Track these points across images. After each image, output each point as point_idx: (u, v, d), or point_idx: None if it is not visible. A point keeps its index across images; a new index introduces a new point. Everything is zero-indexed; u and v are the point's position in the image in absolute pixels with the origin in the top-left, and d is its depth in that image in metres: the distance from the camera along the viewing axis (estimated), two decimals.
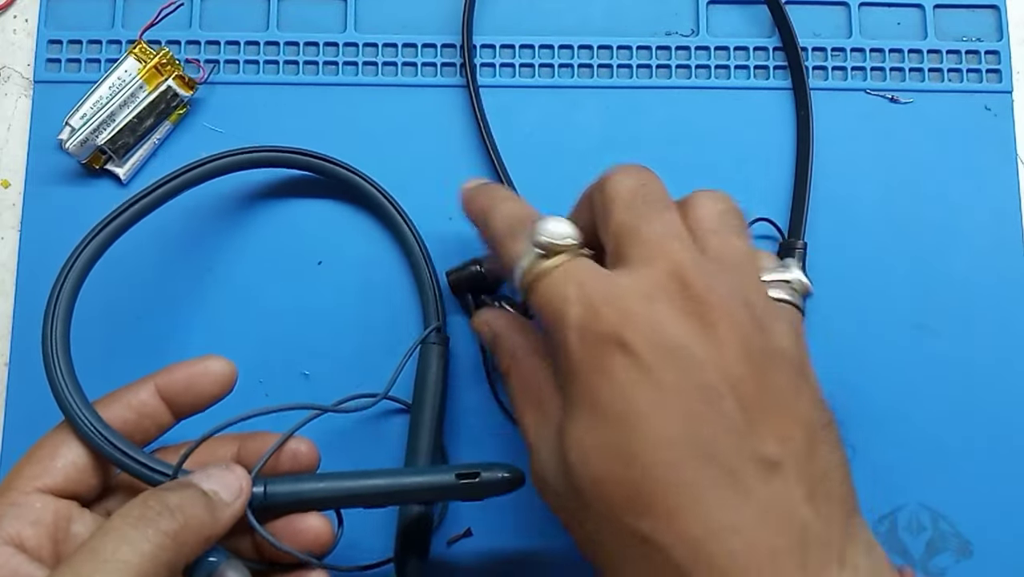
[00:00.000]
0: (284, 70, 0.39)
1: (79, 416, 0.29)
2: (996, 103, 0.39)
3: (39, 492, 0.28)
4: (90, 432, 0.28)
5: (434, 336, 0.35)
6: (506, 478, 0.30)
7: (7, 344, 0.37)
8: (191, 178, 0.34)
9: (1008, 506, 0.36)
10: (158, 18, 0.39)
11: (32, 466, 0.28)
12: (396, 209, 0.37)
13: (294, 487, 0.29)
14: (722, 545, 0.23)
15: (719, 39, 0.39)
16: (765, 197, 0.38)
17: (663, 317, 0.24)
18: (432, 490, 0.30)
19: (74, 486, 0.28)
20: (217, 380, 0.30)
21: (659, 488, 0.23)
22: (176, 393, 0.30)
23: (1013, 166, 0.39)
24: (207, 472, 0.28)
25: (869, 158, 0.38)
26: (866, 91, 0.39)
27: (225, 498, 0.27)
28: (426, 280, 0.36)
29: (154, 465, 0.29)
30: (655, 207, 0.27)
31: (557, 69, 0.39)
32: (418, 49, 0.39)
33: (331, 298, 0.37)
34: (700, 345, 0.24)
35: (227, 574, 0.28)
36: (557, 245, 0.27)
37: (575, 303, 0.25)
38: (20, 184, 0.38)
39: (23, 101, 0.39)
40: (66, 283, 0.30)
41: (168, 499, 0.26)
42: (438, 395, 0.34)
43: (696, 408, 0.24)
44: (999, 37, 0.40)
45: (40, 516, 0.27)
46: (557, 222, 0.27)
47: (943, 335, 0.37)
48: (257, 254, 0.37)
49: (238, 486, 0.28)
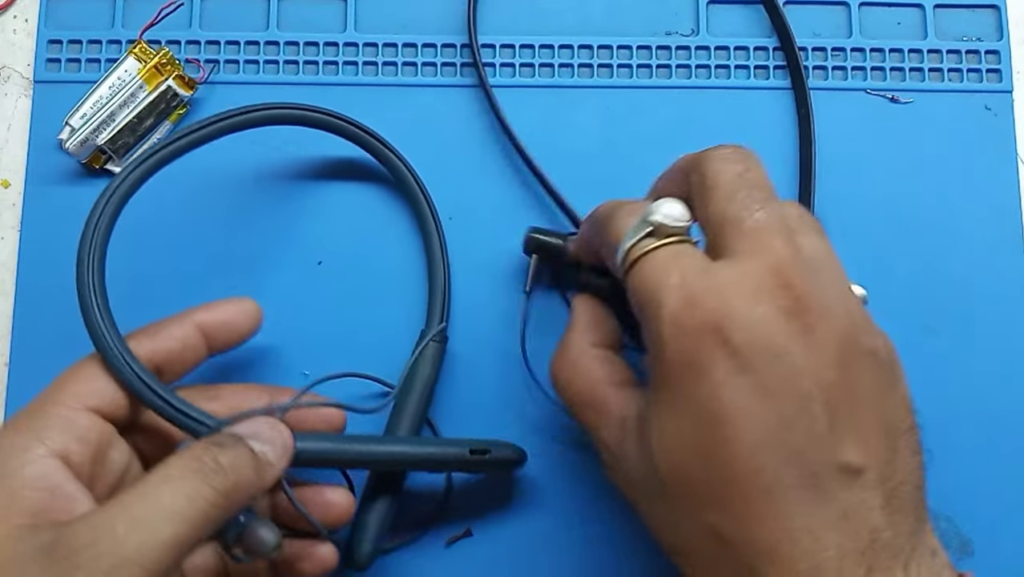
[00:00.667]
0: (284, 70, 0.39)
1: (123, 364, 0.29)
2: (996, 103, 0.39)
3: (87, 410, 0.28)
4: (134, 381, 0.29)
5: (435, 335, 0.35)
6: (513, 458, 0.33)
7: (7, 344, 0.37)
8: (231, 125, 0.34)
9: (1009, 506, 0.36)
10: (158, 18, 0.39)
11: (79, 384, 0.28)
12: (434, 217, 0.36)
13: (325, 446, 0.30)
14: (795, 547, 0.23)
15: (719, 39, 0.39)
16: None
17: (766, 318, 0.24)
18: (446, 462, 0.32)
19: (114, 411, 0.29)
20: (251, 318, 0.32)
21: (741, 490, 0.24)
22: (215, 328, 0.31)
23: (1013, 166, 0.39)
24: (255, 429, 0.28)
25: (869, 158, 0.38)
26: (866, 91, 0.39)
27: (271, 459, 0.28)
28: (439, 276, 0.36)
29: (199, 417, 0.29)
30: (758, 198, 0.26)
31: (557, 69, 0.39)
32: (418, 49, 0.39)
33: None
34: (799, 350, 0.24)
35: (258, 532, 0.28)
36: (669, 227, 0.26)
37: (675, 291, 0.25)
38: (20, 184, 0.38)
39: (23, 101, 0.39)
40: (102, 216, 0.31)
41: (222, 457, 0.26)
42: (425, 392, 0.34)
43: (788, 414, 0.23)
44: (999, 37, 0.40)
45: (86, 434, 0.27)
46: (674, 204, 0.27)
47: (943, 334, 0.37)
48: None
49: (283, 446, 0.28)
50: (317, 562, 0.31)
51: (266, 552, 0.28)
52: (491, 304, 0.37)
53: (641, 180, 0.38)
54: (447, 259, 0.36)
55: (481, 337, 0.37)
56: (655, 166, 0.38)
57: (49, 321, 0.37)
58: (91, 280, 0.30)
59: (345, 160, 0.38)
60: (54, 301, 0.37)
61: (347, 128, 0.36)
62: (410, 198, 0.37)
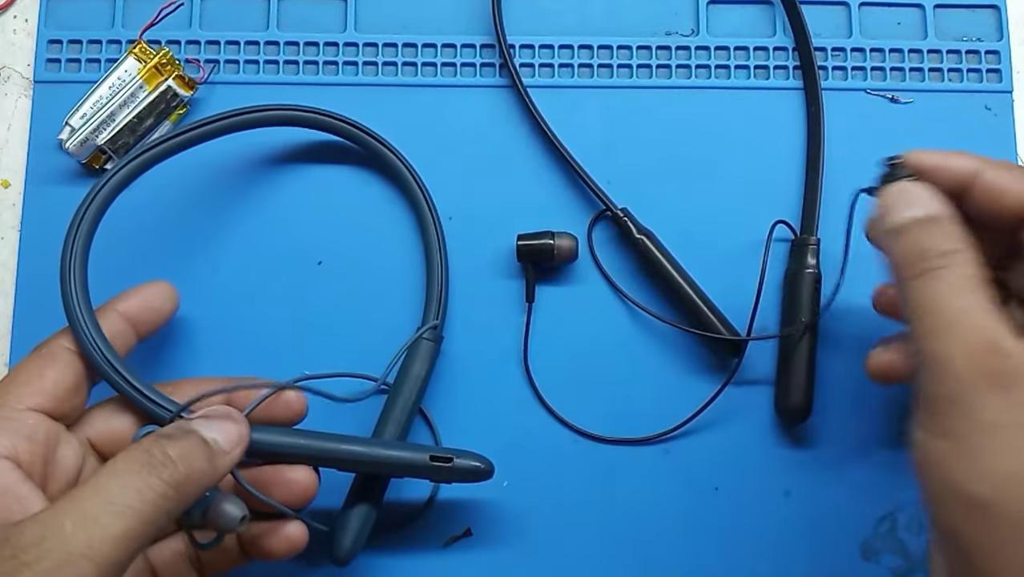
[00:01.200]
0: (284, 70, 0.39)
1: (95, 351, 0.30)
2: (996, 103, 0.39)
3: (31, 410, 0.28)
4: (103, 365, 0.30)
5: (429, 333, 0.35)
6: (476, 468, 0.32)
7: (7, 344, 0.37)
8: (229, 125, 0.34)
9: None
10: (158, 18, 0.39)
11: (22, 386, 0.28)
12: (433, 216, 0.36)
13: (276, 439, 0.31)
14: None
15: (719, 39, 0.39)
16: (764, 196, 0.38)
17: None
18: (404, 466, 0.32)
19: (61, 407, 0.29)
20: (169, 298, 0.33)
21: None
22: (138, 313, 0.32)
23: None
24: (208, 418, 0.28)
25: (869, 158, 0.38)
26: (866, 91, 0.39)
27: (224, 447, 0.28)
28: (436, 274, 0.36)
29: (159, 400, 0.30)
30: None
31: (557, 69, 0.39)
32: (418, 49, 0.39)
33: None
34: None
35: (223, 506, 0.28)
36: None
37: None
38: (20, 184, 0.38)
39: (23, 101, 0.39)
40: (91, 206, 0.31)
41: (171, 449, 0.26)
42: (416, 389, 0.34)
43: None
44: (999, 37, 0.40)
45: (34, 433, 0.28)
46: None
47: None
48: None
49: (237, 435, 0.29)
50: (285, 540, 0.31)
51: (232, 526, 0.28)
52: (490, 304, 0.37)
53: (641, 180, 0.38)
54: (445, 258, 0.36)
55: (480, 337, 0.37)
56: (655, 166, 0.38)
57: (49, 321, 0.36)
58: (71, 261, 0.31)
59: (344, 160, 0.38)
60: (54, 301, 0.36)
61: (345, 128, 0.36)
62: (409, 197, 0.37)
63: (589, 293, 0.37)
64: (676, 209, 0.38)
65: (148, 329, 0.32)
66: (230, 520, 0.28)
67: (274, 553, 0.31)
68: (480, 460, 0.32)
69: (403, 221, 0.38)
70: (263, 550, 0.31)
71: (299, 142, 0.38)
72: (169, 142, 0.33)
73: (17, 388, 0.28)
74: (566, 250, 0.36)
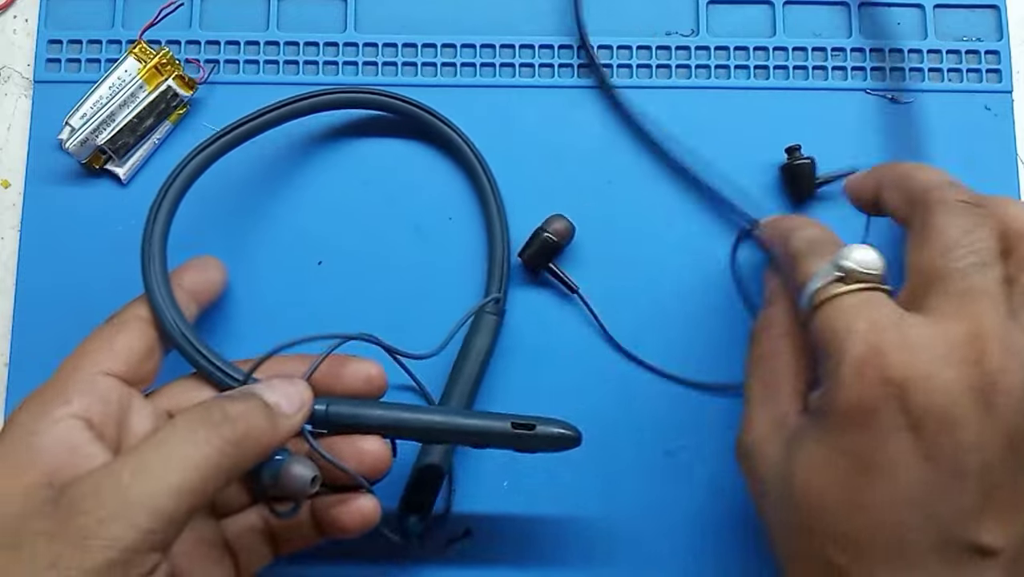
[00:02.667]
0: (284, 70, 0.39)
1: (169, 318, 0.31)
2: (996, 103, 0.39)
3: (104, 375, 0.29)
4: (176, 333, 0.31)
5: (491, 306, 0.35)
6: (562, 435, 0.31)
7: (7, 344, 0.37)
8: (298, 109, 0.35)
9: None
10: (158, 18, 0.39)
11: (95, 353, 0.29)
12: (492, 188, 0.37)
13: (355, 410, 0.31)
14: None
15: (719, 39, 0.39)
16: (765, 196, 0.38)
17: (950, 385, 0.24)
18: (485, 434, 0.31)
19: (133, 372, 0.30)
20: (219, 269, 0.34)
21: (879, 542, 0.24)
22: (196, 286, 0.33)
23: (1013, 166, 0.39)
24: (271, 383, 0.29)
25: (869, 158, 0.38)
26: (866, 91, 0.39)
27: (286, 410, 0.28)
28: (498, 247, 0.36)
29: (227, 369, 0.31)
30: (977, 264, 0.25)
31: (557, 69, 0.39)
32: (418, 49, 0.39)
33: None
34: (974, 426, 0.24)
35: (293, 468, 0.28)
36: (860, 273, 0.26)
37: (861, 339, 0.25)
38: (20, 184, 0.38)
39: (23, 101, 0.39)
40: (181, 176, 0.33)
41: (229, 408, 0.27)
42: (479, 363, 0.34)
43: (944, 483, 0.24)
44: (999, 37, 0.40)
45: (107, 395, 0.28)
46: (866, 250, 0.27)
47: None
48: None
49: (300, 399, 0.29)
50: (356, 513, 0.31)
51: (303, 487, 0.28)
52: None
53: (640, 180, 0.38)
54: (506, 231, 0.36)
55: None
56: (654, 166, 0.38)
57: (49, 321, 0.37)
58: (154, 231, 0.32)
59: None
60: (54, 301, 0.37)
61: (400, 106, 0.36)
62: (470, 173, 0.37)
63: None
64: (676, 209, 0.38)
65: (207, 300, 0.33)
66: (301, 481, 0.28)
67: (347, 527, 0.31)
68: (565, 426, 0.31)
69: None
70: (335, 524, 0.31)
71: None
72: (275, 112, 0.34)
73: (91, 353, 0.29)
74: (563, 230, 0.36)
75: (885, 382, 0.24)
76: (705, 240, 0.38)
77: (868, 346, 0.25)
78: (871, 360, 0.25)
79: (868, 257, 0.27)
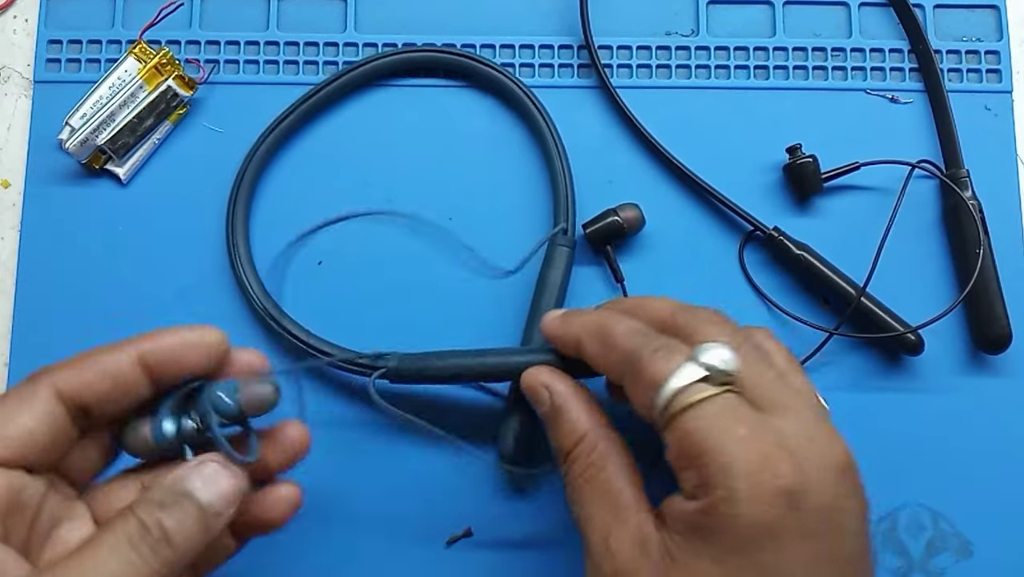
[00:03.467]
0: (284, 70, 0.39)
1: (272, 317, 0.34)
2: (996, 103, 0.39)
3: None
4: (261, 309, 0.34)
5: (562, 238, 0.36)
6: None
7: (7, 344, 0.37)
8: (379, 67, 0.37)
9: (1008, 506, 0.36)
10: (158, 18, 0.39)
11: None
12: (548, 125, 0.37)
13: (421, 364, 0.33)
14: None
15: (719, 39, 0.39)
16: (764, 196, 0.38)
17: (830, 478, 0.25)
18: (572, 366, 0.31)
19: (38, 459, 0.26)
20: (209, 352, 0.27)
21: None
22: (160, 363, 0.27)
23: (1013, 166, 0.39)
24: (204, 473, 0.26)
25: (869, 158, 0.38)
26: (866, 91, 0.39)
27: (219, 509, 0.26)
28: (560, 178, 0.37)
29: (317, 344, 0.35)
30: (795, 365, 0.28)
31: (557, 69, 0.39)
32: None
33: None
34: (853, 509, 0.25)
35: (253, 389, 0.27)
36: (725, 374, 0.26)
37: (744, 446, 0.24)
38: (20, 184, 0.38)
39: (23, 101, 0.39)
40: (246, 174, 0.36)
41: (167, 520, 0.24)
42: (555, 296, 0.35)
43: (829, 573, 0.25)
44: (999, 37, 0.40)
45: (5, 491, 0.25)
46: (725, 349, 0.26)
47: (941, 332, 0.37)
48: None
49: (234, 492, 0.26)
50: (283, 503, 0.29)
51: (270, 401, 0.27)
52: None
53: (640, 181, 0.38)
54: (567, 164, 0.37)
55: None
56: (654, 166, 0.38)
57: (49, 321, 0.37)
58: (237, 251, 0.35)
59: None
60: (54, 301, 0.37)
61: (449, 59, 0.38)
62: (527, 118, 0.38)
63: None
64: (676, 209, 0.38)
65: (170, 383, 0.27)
66: (265, 397, 0.27)
67: (274, 519, 0.29)
68: None
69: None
70: (261, 519, 0.29)
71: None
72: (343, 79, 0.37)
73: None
74: (635, 220, 0.36)
75: (782, 493, 0.24)
76: (705, 240, 0.38)
77: (756, 455, 0.24)
78: (764, 472, 0.24)
79: (728, 355, 0.26)
